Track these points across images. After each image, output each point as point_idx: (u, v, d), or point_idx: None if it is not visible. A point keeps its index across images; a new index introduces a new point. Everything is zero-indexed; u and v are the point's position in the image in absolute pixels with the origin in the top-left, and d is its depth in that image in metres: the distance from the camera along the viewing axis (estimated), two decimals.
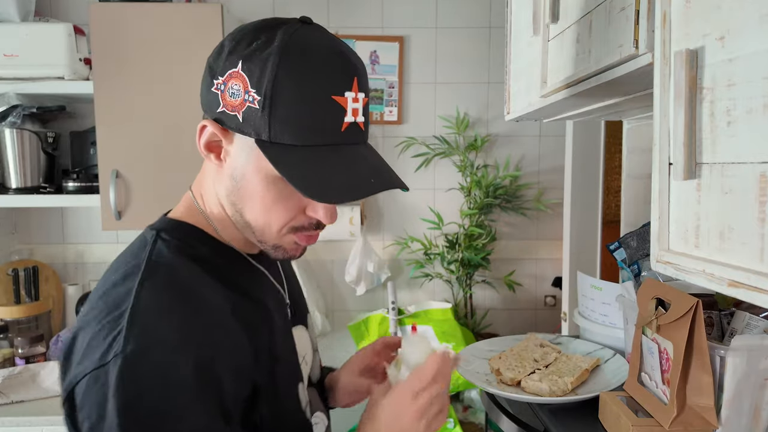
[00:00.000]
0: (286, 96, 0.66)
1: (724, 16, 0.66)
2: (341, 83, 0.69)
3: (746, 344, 0.85)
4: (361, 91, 0.70)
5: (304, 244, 0.78)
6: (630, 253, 1.31)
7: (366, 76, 0.73)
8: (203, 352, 0.67)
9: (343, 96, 0.68)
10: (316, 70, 0.68)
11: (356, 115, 0.70)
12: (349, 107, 0.69)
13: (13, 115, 2.15)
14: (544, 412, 1.12)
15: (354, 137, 0.71)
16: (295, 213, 0.74)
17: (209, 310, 0.71)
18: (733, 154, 0.64)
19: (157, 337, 0.65)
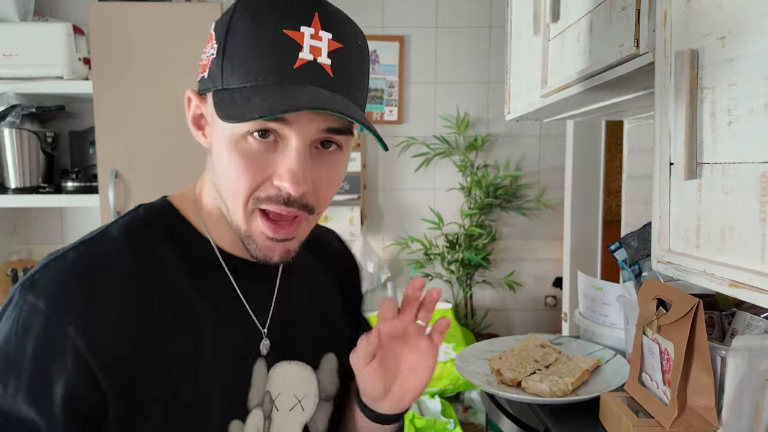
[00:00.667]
0: (238, 36, 0.60)
1: (724, 16, 0.65)
2: (297, 16, 0.59)
3: (747, 345, 0.85)
4: (327, 30, 0.60)
5: (271, 234, 0.64)
6: (631, 253, 1.31)
7: (337, 18, 0.62)
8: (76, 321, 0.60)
9: (298, 30, 0.59)
10: (270, 5, 0.61)
11: (318, 55, 0.59)
12: (306, 43, 0.59)
13: (12, 114, 2.15)
14: (545, 413, 1.11)
15: (313, 79, 0.59)
16: (261, 181, 0.62)
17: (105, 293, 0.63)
18: (734, 154, 0.64)
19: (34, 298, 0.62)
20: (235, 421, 0.68)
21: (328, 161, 0.65)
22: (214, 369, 0.67)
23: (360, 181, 2.77)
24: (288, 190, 0.61)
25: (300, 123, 0.60)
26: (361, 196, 2.78)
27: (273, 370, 0.74)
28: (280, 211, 0.62)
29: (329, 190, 0.66)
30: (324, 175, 0.64)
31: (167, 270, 0.67)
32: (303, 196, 0.62)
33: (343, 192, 2.78)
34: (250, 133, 0.61)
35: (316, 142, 0.63)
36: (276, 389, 0.74)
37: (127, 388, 0.62)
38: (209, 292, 0.69)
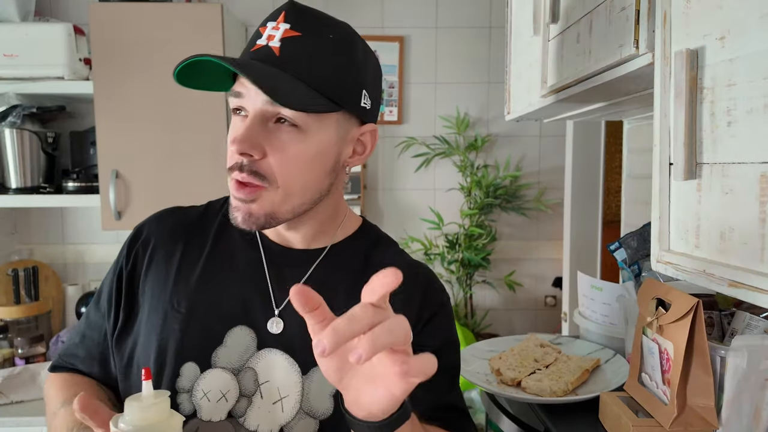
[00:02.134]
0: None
1: (724, 16, 0.66)
2: (269, 17, 0.74)
3: (747, 344, 0.85)
4: (287, 22, 0.72)
5: (235, 192, 0.74)
6: (630, 253, 1.31)
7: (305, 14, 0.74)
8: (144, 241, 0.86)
9: (264, 26, 0.74)
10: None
11: (270, 40, 0.72)
12: (266, 33, 0.73)
13: (13, 115, 2.15)
14: (545, 413, 1.11)
15: (261, 57, 0.72)
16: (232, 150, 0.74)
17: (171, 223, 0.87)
18: (734, 154, 0.64)
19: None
20: (190, 363, 0.77)
21: (281, 135, 0.72)
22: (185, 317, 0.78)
23: (360, 181, 2.77)
24: (233, 152, 0.72)
25: (249, 96, 0.72)
26: (361, 196, 2.78)
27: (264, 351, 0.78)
28: (237, 177, 0.73)
29: (283, 162, 0.72)
30: (277, 144, 0.72)
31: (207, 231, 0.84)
32: (252, 162, 0.72)
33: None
34: (234, 110, 0.74)
35: (272, 116, 0.72)
36: (264, 374, 0.77)
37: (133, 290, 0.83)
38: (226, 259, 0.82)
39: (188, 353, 0.77)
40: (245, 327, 0.78)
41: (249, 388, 0.76)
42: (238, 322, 0.78)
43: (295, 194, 0.75)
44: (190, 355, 0.77)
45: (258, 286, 0.80)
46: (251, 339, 0.78)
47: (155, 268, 0.83)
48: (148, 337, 0.80)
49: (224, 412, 0.76)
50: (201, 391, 0.76)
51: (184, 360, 0.77)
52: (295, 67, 0.71)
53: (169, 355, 0.77)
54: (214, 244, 0.84)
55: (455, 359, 0.88)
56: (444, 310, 0.87)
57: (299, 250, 0.84)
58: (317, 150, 0.75)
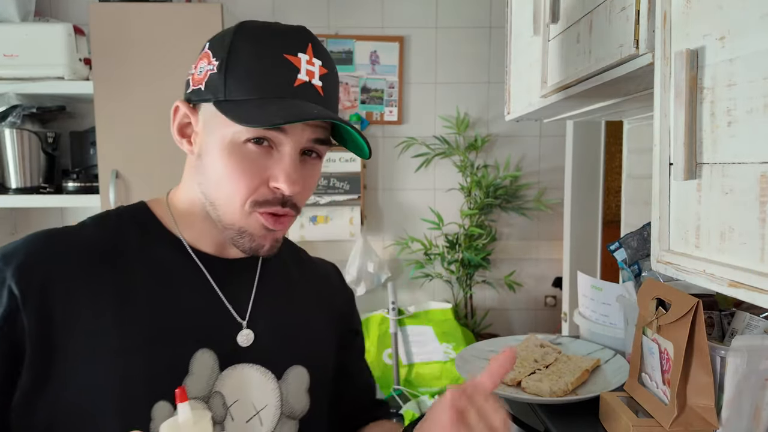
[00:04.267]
0: (241, 55, 0.69)
1: (724, 16, 0.66)
2: (294, 44, 0.70)
3: (747, 344, 0.85)
4: (318, 58, 0.72)
5: (271, 227, 0.71)
6: (630, 253, 1.31)
7: (323, 49, 0.74)
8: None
9: (296, 56, 0.70)
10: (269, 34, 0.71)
11: (312, 77, 0.71)
12: (303, 67, 0.70)
13: (13, 115, 2.15)
14: (544, 413, 1.11)
15: (309, 96, 0.70)
16: (258, 183, 0.70)
17: (58, 255, 0.71)
18: (734, 154, 0.64)
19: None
20: (162, 402, 0.68)
21: (310, 167, 0.75)
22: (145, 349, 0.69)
23: (360, 181, 2.77)
24: (284, 191, 0.70)
25: (294, 132, 0.70)
26: (361, 196, 2.78)
27: (229, 370, 0.73)
28: (276, 211, 0.71)
29: (310, 192, 0.76)
30: (308, 177, 0.74)
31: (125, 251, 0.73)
32: (294, 196, 0.71)
33: (343, 192, 2.78)
34: (249, 140, 0.69)
35: (303, 149, 0.72)
36: (232, 394, 0.73)
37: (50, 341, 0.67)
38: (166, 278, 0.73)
39: (158, 392, 0.69)
40: (206, 350, 0.72)
41: (218, 413, 0.72)
42: (200, 345, 0.72)
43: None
44: (160, 392, 0.68)
45: (212, 303, 0.75)
46: (213, 361, 0.73)
47: (77, 309, 0.68)
48: (91, 391, 0.67)
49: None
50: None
51: (155, 400, 0.68)
52: (332, 105, 0.74)
53: (135, 400, 0.68)
54: (143, 265, 0.73)
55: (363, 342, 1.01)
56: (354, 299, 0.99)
57: (237, 259, 0.80)
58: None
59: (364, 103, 2.82)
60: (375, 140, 2.84)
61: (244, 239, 0.72)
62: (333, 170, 2.78)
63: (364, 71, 2.80)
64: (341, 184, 2.78)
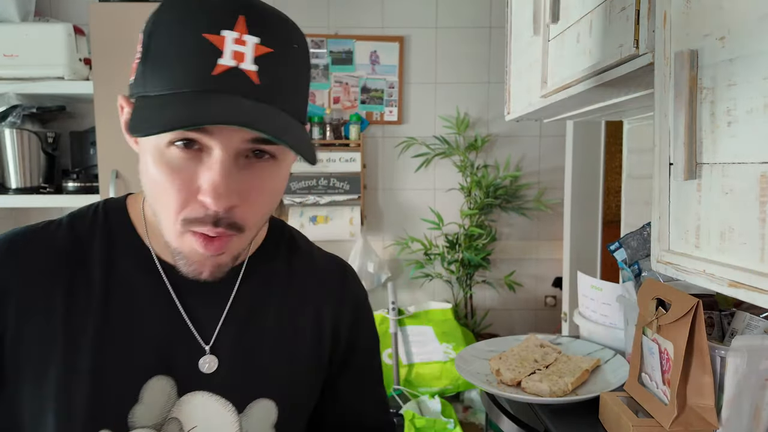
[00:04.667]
0: (160, 39, 0.57)
1: (724, 17, 0.66)
2: (218, 19, 0.55)
3: (747, 344, 0.85)
4: (254, 34, 0.55)
5: (202, 250, 0.59)
6: (630, 253, 1.31)
7: (269, 20, 0.58)
8: None
9: (218, 35, 0.55)
10: (192, 8, 0.57)
11: (240, 60, 0.55)
12: (228, 48, 0.54)
13: (13, 115, 2.15)
14: (545, 413, 1.11)
15: (235, 87, 0.55)
16: (186, 196, 0.57)
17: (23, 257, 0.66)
18: (734, 154, 0.64)
19: None
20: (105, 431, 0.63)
21: (259, 172, 0.59)
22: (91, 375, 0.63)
23: (360, 181, 2.77)
24: (209, 205, 0.57)
25: (222, 133, 0.56)
26: (361, 196, 2.78)
27: (188, 396, 0.66)
28: (208, 232, 0.58)
29: (262, 203, 0.61)
30: (256, 187, 0.59)
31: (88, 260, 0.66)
32: (230, 211, 0.58)
33: (343, 192, 2.78)
34: (173, 142, 0.57)
35: (245, 151, 0.58)
36: (189, 421, 0.66)
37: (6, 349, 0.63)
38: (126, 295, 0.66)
39: (101, 419, 0.63)
40: (162, 377, 0.65)
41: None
42: (154, 372, 0.65)
43: (258, 228, 0.64)
44: (104, 421, 0.63)
45: (173, 325, 0.67)
46: (170, 387, 0.66)
47: (29, 324, 0.63)
48: (35, 411, 0.63)
49: None
50: None
51: (98, 428, 0.63)
52: (279, 98, 0.58)
53: (76, 427, 0.63)
54: (104, 279, 0.66)
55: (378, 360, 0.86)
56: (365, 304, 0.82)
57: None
58: (285, 177, 0.65)
59: (364, 103, 2.82)
60: (375, 140, 2.84)
61: (182, 262, 0.62)
62: (333, 170, 2.78)
63: (364, 71, 2.80)
64: (341, 184, 2.78)
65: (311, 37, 2.75)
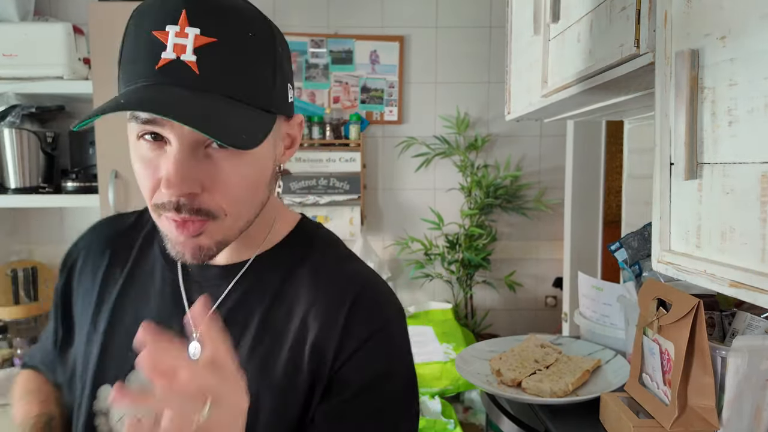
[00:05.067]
0: (125, 45, 0.63)
1: (725, 16, 0.65)
2: (163, 16, 0.59)
3: (747, 345, 0.85)
4: (195, 26, 0.58)
5: (174, 233, 0.63)
6: (631, 253, 1.31)
7: (214, 11, 0.60)
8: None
9: (163, 30, 0.58)
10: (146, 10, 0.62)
11: (181, 53, 0.58)
12: (170, 42, 0.58)
13: (12, 114, 2.14)
14: (545, 413, 1.11)
15: (175, 78, 0.58)
16: (154, 185, 0.62)
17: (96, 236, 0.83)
18: (735, 154, 0.64)
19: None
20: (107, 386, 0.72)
21: (219, 161, 0.61)
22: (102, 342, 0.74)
23: (360, 181, 2.77)
24: (165, 194, 0.60)
25: (174, 126, 0.59)
26: (361, 196, 2.78)
27: None
28: (173, 217, 0.62)
29: (229, 191, 0.63)
30: (217, 176, 0.61)
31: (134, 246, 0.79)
32: (191, 199, 0.61)
33: (343, 192, 2.78)
34: (142, 135, 0.62)
35: (203, 142, 0.60)
36: None
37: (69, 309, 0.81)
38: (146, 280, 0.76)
39: (104, 376, 0.73)
40: None
41: None
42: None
43: (243, 216, 0.66)
44: (106, 378, 0.72)
45: (175, 309, 0.72)
46: None
47: (83, 283, 0.79)
48: (78, 354, 0.78)
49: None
50: (117, 414, 0.71)
51: (101, 382, 0.72)
52: (222, 86, 0.59)
53: (88, 376, 0.74)
54: (136, 261, 0.77)
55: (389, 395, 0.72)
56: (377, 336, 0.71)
57: (219, 267, 0.73)
58: (258, 166, 0.66)
59: (364, 103, 2.82)
60: (375, 140, 2.84)
61: (168, 245, 0.66)
62: (333, 170, 2.78)
63: (364, 71, 2.80)
64: (341, 184, 2.78)
65: (311, 36, 2.75)
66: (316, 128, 2.75)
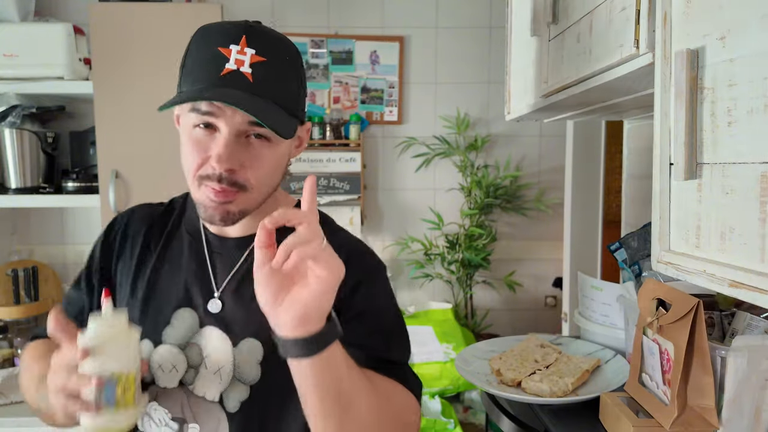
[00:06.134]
0: (190, 52, 0.83)
1: (725, 16, 0.65)
2: (229, 38, 0.79)
3: (747, 345, 0.85)
4: (251, 47, 0.79)
5: (213, 198, 0.81)
6: (631, 253, 1.31)
7: (265, 38, 0.80)
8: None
9: (227, 47, 0.79)
10: (213, 31, 0.82)
11: (241, 65, 0.78)
12: (233, 57, 0.78)
13: (12, 115, 2.14)
14: (545, 413, 1.11)
15: (235, 83, 0.78)
16: (202, 160, 0.81)
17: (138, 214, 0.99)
18: (734, 154, 0.64)
19: None
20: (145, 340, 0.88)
21: (255, 149, 0.81)
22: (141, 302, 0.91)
23: (360, 181, 2.77)
24: (215, 167, 0.79)
25: (226, 116, 0.78)
26: (361, 196, 2.78)
27: (206, 329, 0.88)
28: (214, 186, 0.80)
29: (258, 172, 0.82)
30: (252, 159, 0.81)
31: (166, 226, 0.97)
32: (231, 174, 0.80)
33: (343, 192, 2.78)
34: (197, 125, 0.81)
35: (245, 132, 0.80)
36: (206, 348, 0.88)
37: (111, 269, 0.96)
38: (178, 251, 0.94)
39: (144, 332, 0.88)
40: (189, 309, 0.89)
41: (195, 360, 0.88)
42: (183, 305, 0.90)
43: (264, 192, 0.85)
44: (145, 333, 0.88)
45: (200, 273, 0.91)
46: (194, 319, 0.89)
47: (123, 257, 0.95)
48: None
49: (176, 380, 0.87)
50: (156, 363, 0.88)
51: (141, 338, 0.87)
52: (267, 92, 0.80)
53: None
54: (167, 240, 0.95)
55: (389, 322, 0.91)
56: (371, 276, 0.92)
57: (235, 239, 0.92)
58: (281, 157, 0.86)
59: (364, 103, 2.82)
60: (375, 140, 2.84)
61: (200, 210, 0.83)
62: (333, 170, 2.78)
63: (364, 71, 2.80)
64: (341, 184, 2.78)
65: (311, 36, 2.75)
66: (316, 128, 2.75)
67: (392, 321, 0.93)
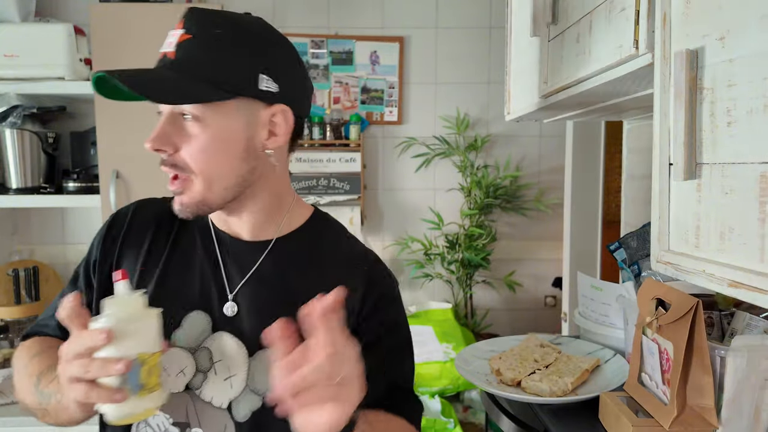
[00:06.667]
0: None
1: (724, 17, 0.66)
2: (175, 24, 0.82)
3: (746, 344, 0.85)
4: (182, 28, 0.80)
5: (170, 188, 0.82)
6: (630, 253, 1.31)
7: (198, 18, 0.81)
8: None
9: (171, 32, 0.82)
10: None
11: (169, 47, 0.80)
12: (167, 41, 0.81)
13: (13, 115, 2.14)
14: (545, 413, 1.12)
15: (162, 63, 0.80)
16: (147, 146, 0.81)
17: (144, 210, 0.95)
18: (734, 154, 0.64)
19: None
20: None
21: (187, 128, 0.80)
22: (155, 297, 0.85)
23: (360, 181, 2.77)
24: (146, 144, 0.79)
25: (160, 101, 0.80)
26: (361, 196, 2.78)
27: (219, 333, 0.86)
28: (165, 170, 0.81)
29: (192, 152, 0.80)
30: (184, 139, 0.80)
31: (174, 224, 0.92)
32: (169, 156, 0.80)
33: (343, 192, 2.78)
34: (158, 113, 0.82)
35: (176, 114, 0.80)
36: (217, 353, 0.85)
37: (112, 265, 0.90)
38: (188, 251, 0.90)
39: None
40: (201, 312, 0.86)
41: (204, 365, 0.85)
42: (195, 307, 0.87)
43: (215, 180, 0.82)
44: None
45: (213, 274, 0.88)
46: (207, 322, 0.86)
47: (126, 253, 0.91)
48: None
49: (182, 384, 0.85)
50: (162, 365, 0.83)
51: None
52: (186, 67, 0.79)
53: None
54: (177, 235, 0.91)
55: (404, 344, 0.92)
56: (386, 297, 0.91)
57: (247, 242, 0.90)
58: (220, 136, 0.81)
59: (364, 104, 2.82)
60: (375, 140, 2.84)
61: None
62: (333, 170, 2.78)
63: (364, 71, 2.80)
64: (341, 184, 2.78)
65: (311, 37, 2.75)
66: (317, 129, 2.75)
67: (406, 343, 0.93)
